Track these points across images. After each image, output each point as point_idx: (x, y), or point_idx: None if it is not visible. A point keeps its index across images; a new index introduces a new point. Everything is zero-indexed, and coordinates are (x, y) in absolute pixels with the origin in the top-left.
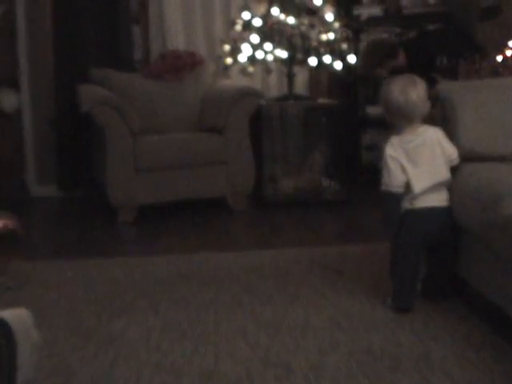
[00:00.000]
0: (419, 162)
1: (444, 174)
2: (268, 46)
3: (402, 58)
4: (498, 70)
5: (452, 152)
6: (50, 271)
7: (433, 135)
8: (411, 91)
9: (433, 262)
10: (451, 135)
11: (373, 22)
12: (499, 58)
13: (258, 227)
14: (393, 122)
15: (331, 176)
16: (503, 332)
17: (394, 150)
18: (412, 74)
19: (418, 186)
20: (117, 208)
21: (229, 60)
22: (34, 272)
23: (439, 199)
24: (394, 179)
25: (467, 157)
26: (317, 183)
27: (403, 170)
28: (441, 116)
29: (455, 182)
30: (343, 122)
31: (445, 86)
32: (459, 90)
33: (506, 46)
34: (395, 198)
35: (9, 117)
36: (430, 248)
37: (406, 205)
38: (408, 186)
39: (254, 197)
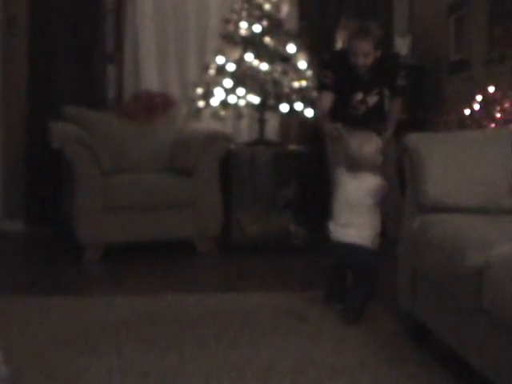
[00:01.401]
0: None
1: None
2: (240, 90)
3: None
4: (465, 123)
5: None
6: (13, 308)
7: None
8: (365, 147)
9: None
10: (418, 186)
11: None
12: (467, 112)
13: (225, 271)
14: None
15: (299, 221)
16: (465, 381)
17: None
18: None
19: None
20: (84, 246)
21: (201, 103)
22: None
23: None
24: None
25: (433, 208)
26: (284, 228)
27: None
28: (408, 167)
29: (421, 232)
30: (312, 169)
31: (412, 138)
32: (426, 142)
33: (473, 100)
34: None
35: None
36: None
37: None
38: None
39: (221, 240)
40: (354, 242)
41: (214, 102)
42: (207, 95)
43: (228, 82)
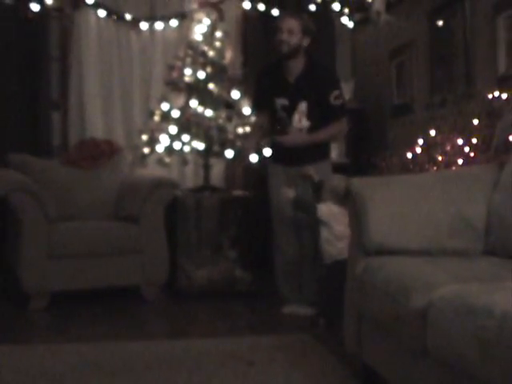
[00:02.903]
0: None
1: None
2: (185, 137)
3: None
4: (407, 167)
5: None
6: None
7: None
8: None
9: None
10: (361, 230)
11: None
12: (409, 155)
13: (171, 317)
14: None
15: (244, 267)
16: None
17: None
18: None
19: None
20: (29, 294)
21: (146, 150)
22: None
23: None
24: None
25: (376, 250)
26: (230, 274)
27: None
28: (352, 211)
29: (365, 275)
30: (257, 214)
31: (356, 182)
32: (369, 185)
33: (415, 143)
34: None
35: None
36: None
37: None
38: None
39: (167, 287)
40: None
41: (159, 148)
42: (152, 142)
43: (173, 129)
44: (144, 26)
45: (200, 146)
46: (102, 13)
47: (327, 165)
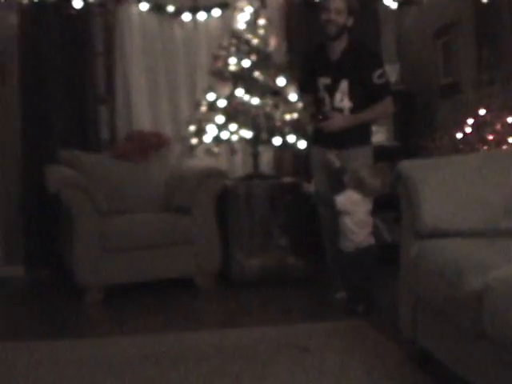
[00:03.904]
0: None
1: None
2: (233, 126)
3: None
4: (458, 147)
5: None
6: (16, 353)
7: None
8: (377, 179)
9: None
10: (414, 213)
11: None
12: (459, 135)
13: (225, 306)
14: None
15: (297, 254)
16: None
17: None
18: None
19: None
20: (84, 288)
21: (194, 140)
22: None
23: None
24: None
25: (429, 233)
26: (282, 261)
27: None
28: (403, 194)
29: (419, 258)
30: (308, 200)
31: (406, 165)
32: (420, 168)
33: (465, 123)
34: None
35: None
36: None
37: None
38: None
39: (220, 276)
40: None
41: (207, 138)
42: (200, 132)
43: (220, 118)
44: (187, 17)
45: (248, 134)
46: (144, 6)
47: (367, 150)
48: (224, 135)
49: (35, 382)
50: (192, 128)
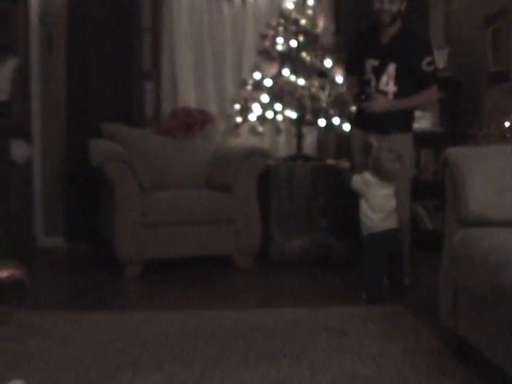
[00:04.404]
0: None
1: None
2: (278, 106)
3: None
4: (505, 136)
5: None
6: (55, 323)
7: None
8: (395, 164)
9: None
10: (459, 201)
11: None
12: (507, 124)
13: (264, 286)
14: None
15: (337, 236)
16: None
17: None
18: None
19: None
20: (124, 262)
21: (239, 119)
22: (39, 323)
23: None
24: None
25: (474, 222)
26: (322, 243)
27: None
28: (449, 181)
29: (463, 246)
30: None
31: (453, 152)
32: (468, 156)
33: None
34: None
35: (19, 167)
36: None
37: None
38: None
39: (260, 256)
40: (395, 227)
41: (252, 117)
42: (245, 111)
43: (265, 98)
44: None
45: (293, 114)
46: None
47: (408, 138)
48: (269, 115)
49: (72, 353)
50: (237, 106)
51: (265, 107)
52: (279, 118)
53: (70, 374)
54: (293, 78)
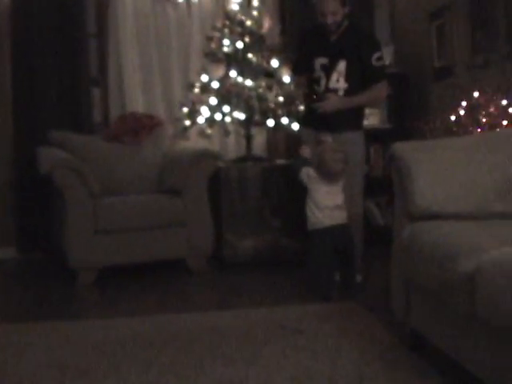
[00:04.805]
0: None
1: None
2: (226, 108)
3: None
4: (451, 130)
5: None
6: (9, 335)
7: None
8: (339, 163)
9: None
10: (407, 195)
11: None
12: (452, 118)
13: (218, 288)
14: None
15: (289, 236)
16: None
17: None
18: None
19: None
20: (76, 270)
21: (187, 122)
22: None
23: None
24: None
25: (421, 215)
26: (275, 243)
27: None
28: (396, 176)
29: (411, 241)
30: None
31: (399, 147)
32: (413, 150)
33: (458, 106)
34: None
35: None
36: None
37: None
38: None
39: (213, 258)
40: (343, 223)
41: (200, 120)
42: (193, 114)
43: (213, 100)
44: None
45: (241, 116)
46: None
47: (359, 135)
48: (217, 117)
49: (27, 364)
50: (185, 110)
51: (213, 109)
52: (228, 119)
53: None
54: (240, 79)
